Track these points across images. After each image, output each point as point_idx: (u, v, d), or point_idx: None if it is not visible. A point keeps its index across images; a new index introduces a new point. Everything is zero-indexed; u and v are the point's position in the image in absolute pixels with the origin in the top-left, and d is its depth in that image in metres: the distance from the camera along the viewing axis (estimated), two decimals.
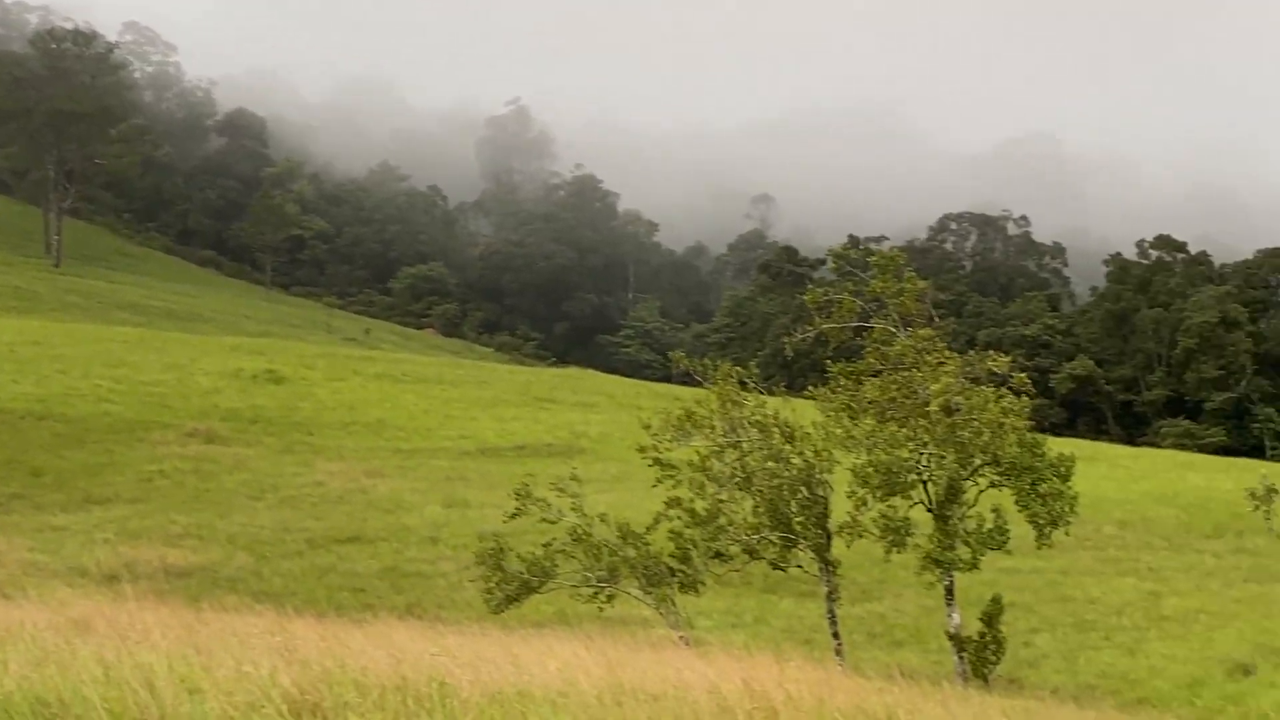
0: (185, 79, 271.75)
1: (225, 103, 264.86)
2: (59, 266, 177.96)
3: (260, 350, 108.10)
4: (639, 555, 33.70)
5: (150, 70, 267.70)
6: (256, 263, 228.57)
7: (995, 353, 35.96)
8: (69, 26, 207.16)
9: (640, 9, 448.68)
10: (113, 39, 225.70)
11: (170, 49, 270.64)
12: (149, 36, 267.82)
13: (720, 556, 34.20)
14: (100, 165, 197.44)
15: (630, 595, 34.54)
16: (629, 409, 78.23)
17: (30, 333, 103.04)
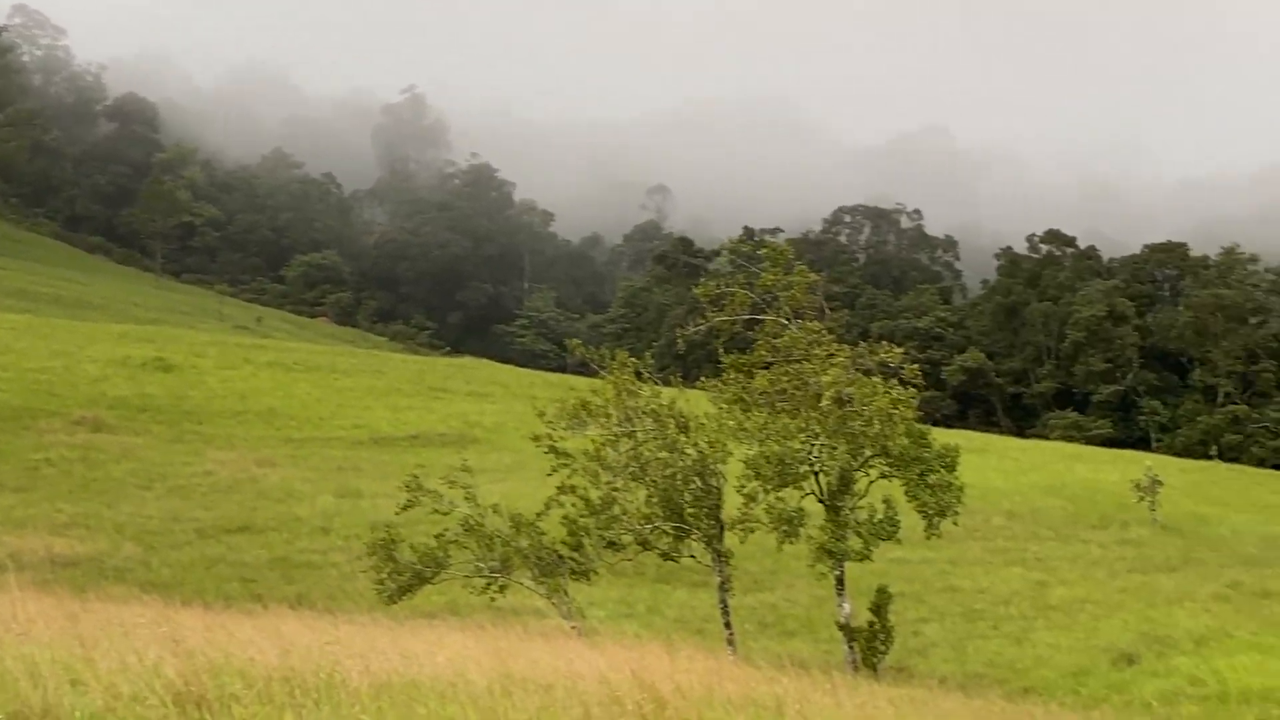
0: (75, 63, 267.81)
1: (116, 87, 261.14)
2: None
3: (150, 338, 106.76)
4: (532, 545, 33.65)
5: (39, 54, 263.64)
6: (147, 249, 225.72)
7: (888, 344, 36.25)
8: None
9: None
10: (0, 22, 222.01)
11: (60, 32, 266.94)
12: (38, 19, 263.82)
13: (613, 546, 34.24)
14: None
15: (523, 585, 34.49)
16: (523, 399, 78.02)
17: None
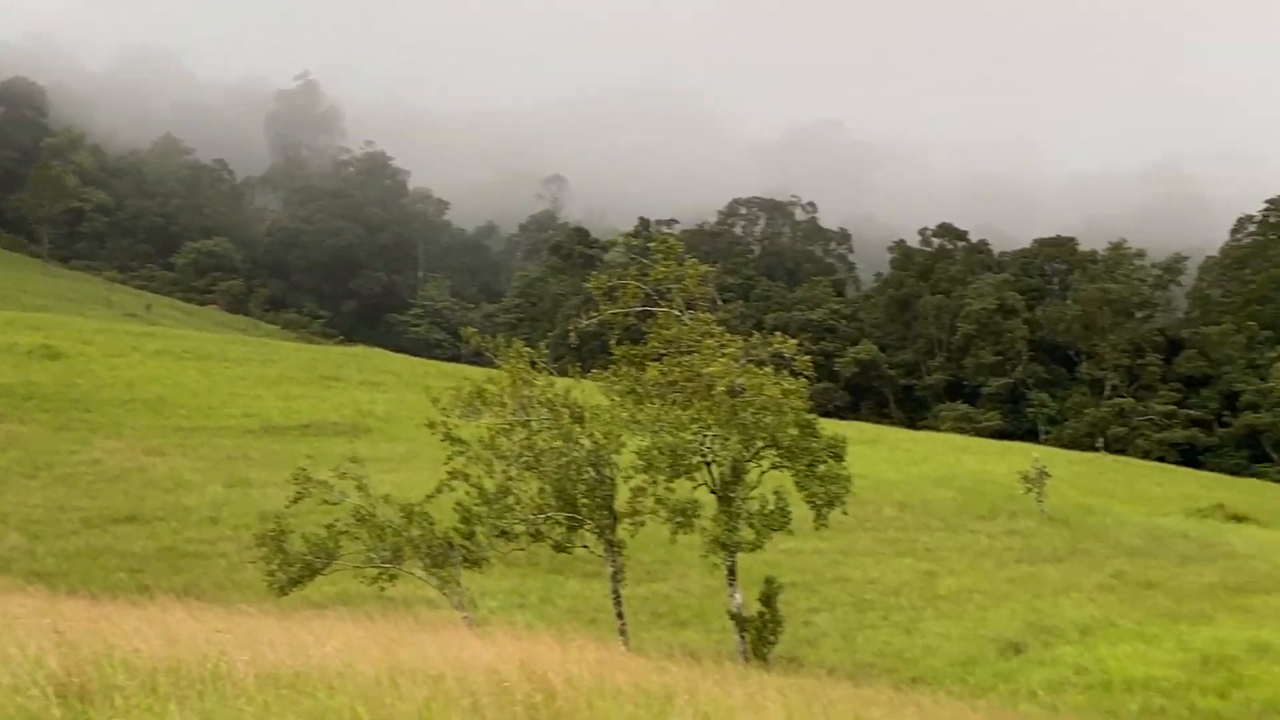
0: None
1: (2, 70, 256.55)
2: None
3: (36, 325, 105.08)
4: (423, 535, 33.48)
5: None
6: (34, 235, 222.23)
7: (782, 335, 36.40)
8: None
9: None
10: None
11: None
12: None
13: (506, 535, 34.12)
14: None
15: (415, 575, 34.31)
16: (416, 388, 77.62)
17: None
